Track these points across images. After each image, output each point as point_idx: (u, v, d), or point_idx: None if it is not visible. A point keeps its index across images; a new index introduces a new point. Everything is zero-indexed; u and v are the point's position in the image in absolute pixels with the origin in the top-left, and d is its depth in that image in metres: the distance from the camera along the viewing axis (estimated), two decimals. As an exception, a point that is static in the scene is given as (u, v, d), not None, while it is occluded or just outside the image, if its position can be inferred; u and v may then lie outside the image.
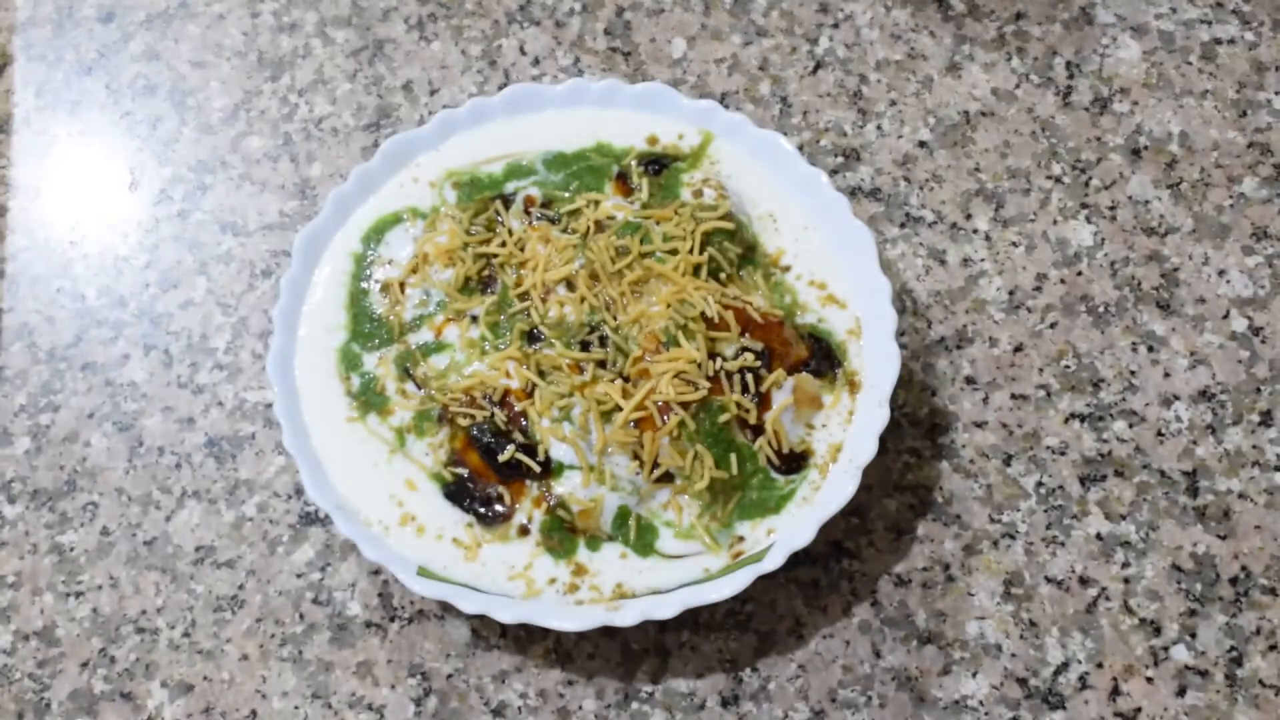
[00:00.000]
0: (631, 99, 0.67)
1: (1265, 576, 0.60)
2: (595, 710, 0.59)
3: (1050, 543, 0.61)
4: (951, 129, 0.73)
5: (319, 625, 0.61)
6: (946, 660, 0.59)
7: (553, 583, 0.57)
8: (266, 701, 0.59)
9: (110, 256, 0.71)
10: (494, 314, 0.61)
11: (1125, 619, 0.60)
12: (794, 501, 0.59)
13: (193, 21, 0.79)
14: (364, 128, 0.74)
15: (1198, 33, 0.75)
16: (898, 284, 0.68)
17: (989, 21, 0.76)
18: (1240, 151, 0.71)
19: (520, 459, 0.57)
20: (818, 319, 0.63)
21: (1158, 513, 0.62)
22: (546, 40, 0.77)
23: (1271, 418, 0.64)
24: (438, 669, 0.60)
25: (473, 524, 0.58)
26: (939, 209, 0.70)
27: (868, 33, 0.76)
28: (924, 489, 0.63)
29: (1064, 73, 0.74)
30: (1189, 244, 0.69)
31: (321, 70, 0.76)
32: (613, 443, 0.57)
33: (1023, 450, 0.64)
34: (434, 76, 0.76)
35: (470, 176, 0.66)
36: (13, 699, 0.60)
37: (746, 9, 0.77)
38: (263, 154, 0.74)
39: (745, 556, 0.58)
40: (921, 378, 0.66)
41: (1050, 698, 0.58)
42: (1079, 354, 0.66)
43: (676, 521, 0.58)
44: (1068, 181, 0.71)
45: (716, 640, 0.60)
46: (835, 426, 0.60)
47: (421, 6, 0.78)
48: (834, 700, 0.58)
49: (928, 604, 0.60)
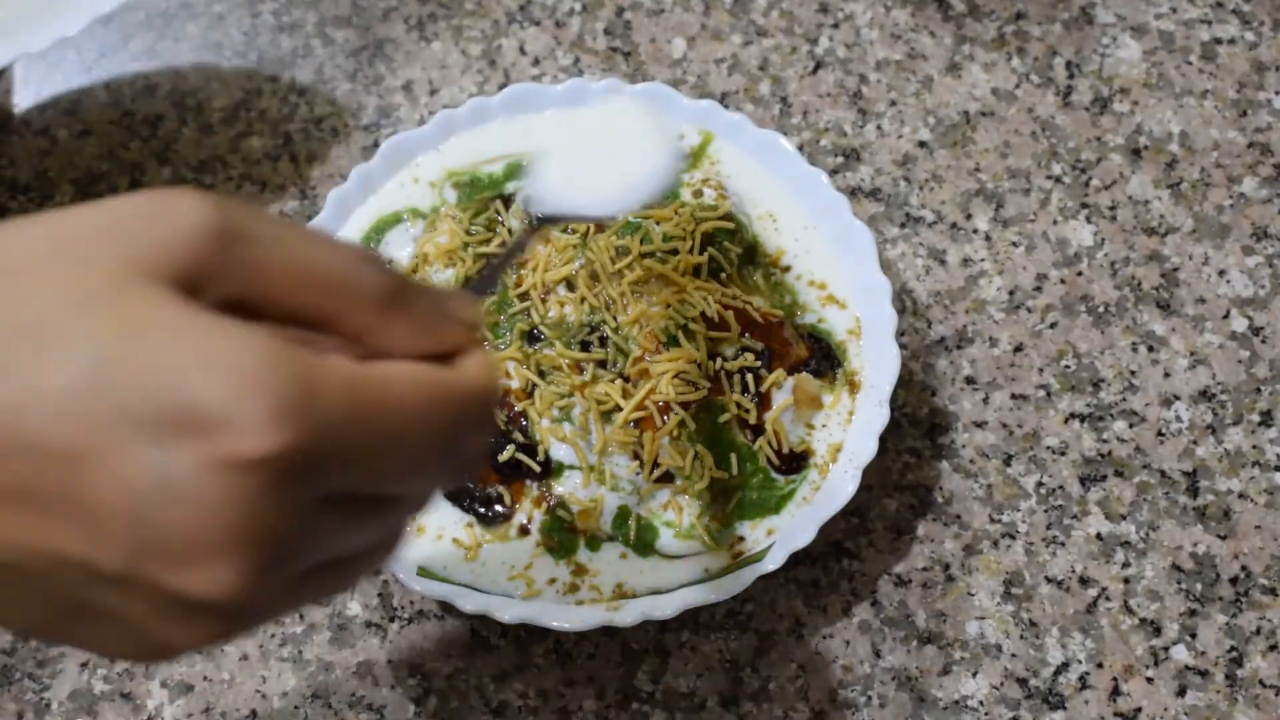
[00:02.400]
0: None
1: (1265, 576, 0.60)
2: (595, 710, 0.59)
3: (1050, 543, 0.61)
4: (951, 129, 0.73)
5: (319, 625, 0.61)
6: (946, 660, 0.59)
7: (553, 583, 0.57)
8: (266, 701, 0.59)
9: (110, 256, 0.71)
10: (494, 314, 0.61)
11: (1125, 619, 0.60)
12: (794, 501, 0.59)
13: (193, 21, 0.79)
14: (364, 128, 0.75)
15: (1198, 33, 0.75)
16: (898, 284, 0.68)
17: (989, 21, 0.76)
18: (1240, 151, 0.71)
19: (520, 459, 0.57)
20: (818, 319, 0.63)
21: (1158, 513, 0.62)
22: (546, 40, 0.77)
23: (1271, 418, 0.64)
24: (438, 669, 0.60)
25: (473, 524, 0.58)
26: (939, 209, 0.70)
27: (868, 33, 0.76)
28: (924, 489, 0.63)
29: (1064, 73, 0.74)
30: (1189, 244, 0.69)
31: (321, 70, 0.76)
32: (613, 443, 0.57)
33: (1023, 450, 0.64)
34: (434, 76, 0.76)
35: (470, 176, 0.66)
36: (13, 699, 0.60)
37: (746, 9, 0.77)
38: (263, 154, 0.74)
39: (745, 556, 0.58)
40: (921, 378, 0.66)
41: (1050, 698, 0.58)
42: (1079, 354, 0.66)
43: (676, 521, 0.58)
44: (1068, 181, 0.71)
45: (716, 640, 0.60)
46: (835, 426, 0.60)
47: (421, 6, 0.78)
48: (834, 700, 0.58)
49: (928, 604, 0.60)
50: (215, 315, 0.30)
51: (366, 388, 0.31)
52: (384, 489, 0.33)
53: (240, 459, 0.29)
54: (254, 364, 0.29)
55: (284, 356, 0.30)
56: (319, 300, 0.32)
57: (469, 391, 0.34)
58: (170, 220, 0.31)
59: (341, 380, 0.31)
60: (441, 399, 0.33)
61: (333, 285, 0.33)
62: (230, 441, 0.29)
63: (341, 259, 0.33)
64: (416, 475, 0.34)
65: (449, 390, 0.33)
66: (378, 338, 0.33)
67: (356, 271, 0.33)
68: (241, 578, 0.30)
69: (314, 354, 0.31)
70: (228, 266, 0.31)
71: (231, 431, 0.29)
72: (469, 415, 0.34)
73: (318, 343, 0.32)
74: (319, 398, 0.30)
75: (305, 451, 0.29)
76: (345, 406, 0.30)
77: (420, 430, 0.32)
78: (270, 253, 0.32)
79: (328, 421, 0.30)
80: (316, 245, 0.33)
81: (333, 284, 0.33)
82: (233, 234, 0.31)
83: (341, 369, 0.31)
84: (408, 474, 0.33)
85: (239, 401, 0.29)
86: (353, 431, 0.31)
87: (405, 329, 0.34)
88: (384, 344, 0.33)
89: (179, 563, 0.29)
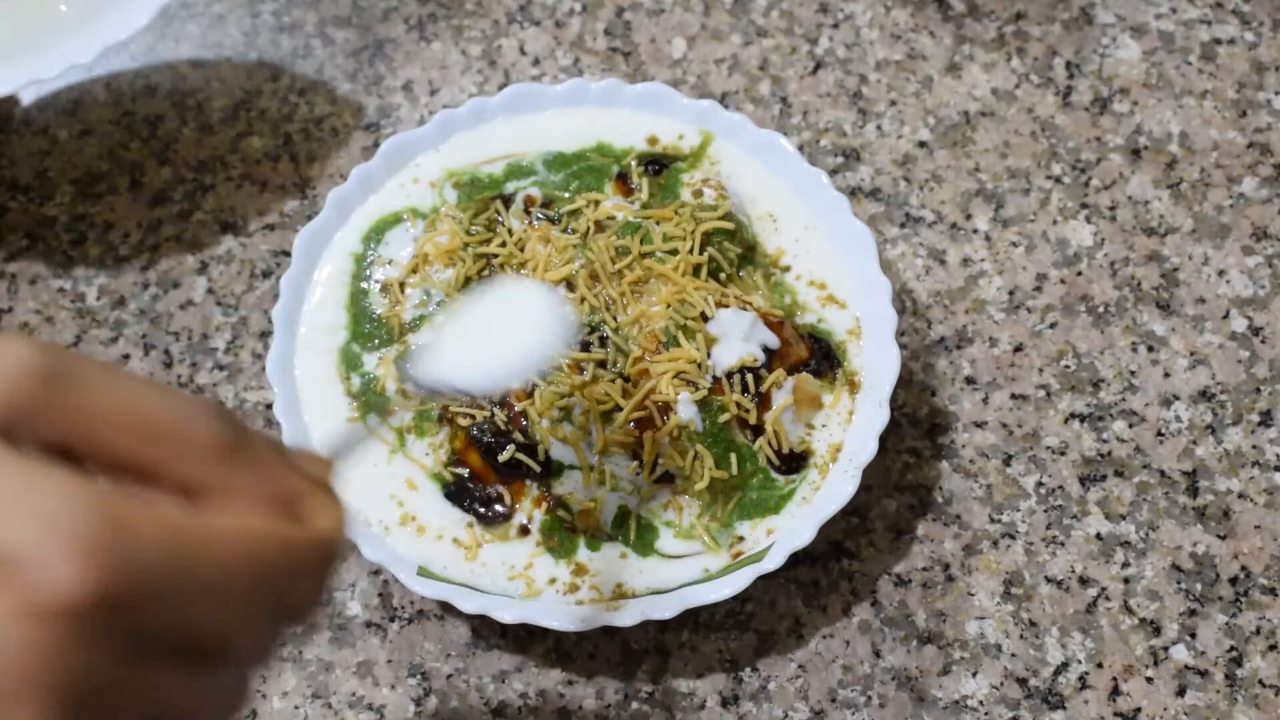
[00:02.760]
0: (631, 99, 0.67)
1: (1265, 576, 0.60)
2: (595, 710, 0.59)
3: (1050, 543, 0.61)
4: (951, 129, 0.73)
5: (319, 625, 0.61)
6: (946, 660, 0.59)
7: (553, 583, 0.57)
8: (266, 701, 0.59)
9: (111, 257, 0.71)
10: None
11: (1125, 619, 0.60)
12: (794, 501, 0.59)
13: (193, 21, 0.79)
14: (364, 128, 0.75)
15: (1198, 33, 0.75)
16: (898, 284, 0.68)
17: (989, 21, 0.76)
18: (1240, 151, 0.71)
19: (520, 459, 0.57)
20: (818, 319, 0.63)
21: (1158, 513, 0.62)
22: (546, 40, 0.77)
23: (1271, 418, 0.64)
24: (438, 669, 0.60)
25: (473, 524, 0.58)
26: (939, 209, 0.70)
27: (868, 33, 0.76)
28: (924, 489, 0.63)
29: (1064, 73, 0.74)
30: (1189, 244, 0.69)
31: (321, 70, 0.76)
32: (613, 443, 0.57)
33: (1023, 450, 0.64)
34: (434, 76, 0.76)
35: (470, 176, 0.66)
36: (13, 699, 0.60)
37: (746, 9, 0.77)
38: (263, 154, 0.74)
39: (745, 556, 0.58)
40: (921, 378, 0.66)
41: (1050, 698, 0.58)
42: (1079, 354, 0.66)
43: (676, 521, 0.58)
44: (1068, 181, 0.71)
45: (716, 640, 0.60)
46: (835, 426, 0.60)
47: (421, 6, 0.78)
48: (834, 700, 0.58)
49: (928, 604, 0.60)
50: (27, 459, 0.29)
51: (183, 532, 0.30)
52: (206, 641, 0.31)
53: (39, 603, 0.28)
54: (59, 504, 0.28)
55: (93, 497, 0.29)
56: (148, 448, 0.31)
57: (301, 542, 0.33)
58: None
59: (157, 524, 0.30)
60: (268, 549, 0.32)
61: (164, 433, 0.31)
62: (30, 584, 0.27)
63: (174, 406, 0.32)
64: (239, 628, 0.32)
65: (277, 540, 0.32)
66: (215, 491, 0.32)
67: (190, 420, 0.32)
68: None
69: (132, 499, 0.30)
70: (50, 409, 0.30)
71: (31, 573, 0.28)
72: (297, 567, 0.33)
73: (144, 494, 0.31)
74: (128, 538, 0.29)
75: (109, 595, 0.28)
76: (158, 549, 0.29)
77: (241, 579, 0.31)
78: (96, 396, 0.31)
79: (136, 563, 0.29)
80: (148, 391, 0.32)
81: (164, 431, 0.31)
82: (56, 376, 0.30)
83: (159, 513, 0.30)
84: (228, 625, 0.32)
85: (40, 542, 0.28)
86: (165, 576, 0.29)
87: (245, 481, 0.32)
88: (221, 498, 0.32)
89: None
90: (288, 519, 0.33)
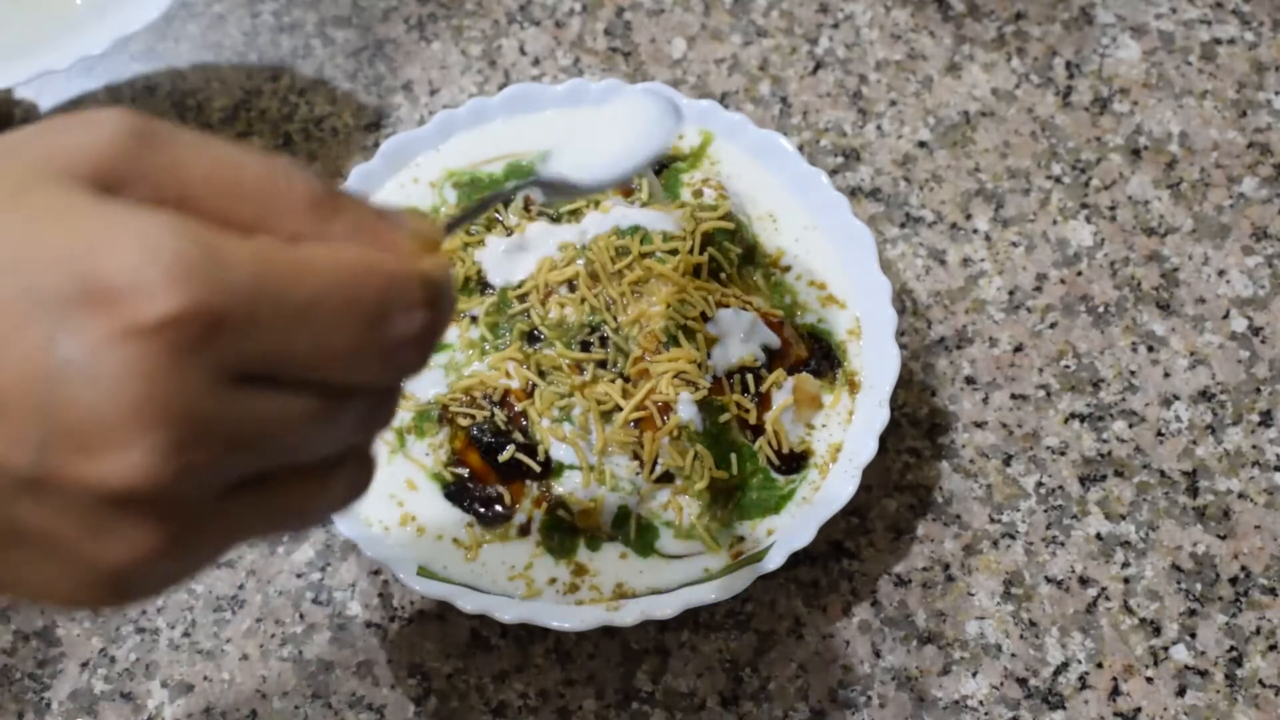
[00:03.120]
0: (632, 99, 0.67)
1: (1265, 576, 0.60)
2: (595, 710, 0.59)
3: (1050, 543, 0.61)
4: (951, 129, 0.73)
5: (319, 625, 0.61)
6: (946, 660, 0.59)
7: (553, 583, 0.57)
8: (266, 701, 0.59)
9: (110, 256, 0.71)
10: (494, 314, 0.61)
11: (1125, 619, 0.60)
12: (794, 501, 0.59)
13: (193, 21, 0.79)
14: (364, 128, 0.75)
15: (1198, 33, 0.75)
16: (898, 284, 0.68)
17: (989, 21, 0.76)
18: (1240, 151, 0.71)
19: (520, 459, 0.57)
20: (818, 319, 0.63)
21: (1158, 513, 0.62)
22: (546, 40, 0.77)
23: (1271, 418, 0.64)
24: (438, 669, 0.60)
25: (473, 524, 0.58)
26: (939, 209, 0.70)
27: (868, 33, 0.76)
28: (924, 489, 0.63)
29: (1064, 73, 0.74)
30: (1189, 244, 0.69)
31: (321, 70, 0.76)
32: (613, 443, 0.57)
33: (1023, 450, 0.64)
34: (434, 76, 0.76)
35: (470, 176, 0.66)
36: (13, 699, 0.60)
37: (746, 9, 0.77)
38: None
39: (745, 556, 0.58)
40: (921, 378, 0.66)
41: (1050, 698, 0.58)
42: (1079, 354, 0.66)
43: (676, 521, 0.58)
44: (1068, 181, 0.71)
45: (716, 640, 0.60)
46: (835, 426, 0.60)
47: (421, 6, 0.78)
48: (834, 700, 0.58)
49: (928, 604, 0.60)
50: (127, 203, 0.29)
51: (281, 256, 0.30)
52: (312, 372, 0.31)
53: (138, 326, 0.27)
54: (157, 232, 0.28)
55: (190, 226, 0.29)
56: (243, 205, 0.31)
57: (402, 273, 0.32)
58: (91, 126, 0.31)
59: (253, 249, 0.30)
60: (367, 275, 0.31)
61: (258, 188, 0.31)
62: (129, 309, 0.27)
63: (268, 164, 0.32)
64: (345, 362, 0.31)
65: (376, 266, 0.32)
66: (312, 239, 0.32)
67: (284, 177, 0.32)
68: (155, 458, 0.28)
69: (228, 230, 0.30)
70: (147, 167, 0.30)
71: (130, 298, 0.27)
72: (397, 297, 0.32)
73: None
74: (223, 262, 0.29)
75: (205, 311, 0.28)
76: (253, 271, 0.29)
77: (339, 303, 0.31)
78: (191, 155, 0.31)
79: (231, 285, 0.29)
80: (241, 151, 0.32)
81: (259, 187, 0.31)
82: (152, 136, 0.31)
83: (256, 242, 0.30)
84: (334, 356, 0.31)
85: (137, 268, 0.28)
86: (261, 297, 0.29)
87: (343, 231, 0.32)
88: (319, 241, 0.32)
89: (88, 449, 0.28)
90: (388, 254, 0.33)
